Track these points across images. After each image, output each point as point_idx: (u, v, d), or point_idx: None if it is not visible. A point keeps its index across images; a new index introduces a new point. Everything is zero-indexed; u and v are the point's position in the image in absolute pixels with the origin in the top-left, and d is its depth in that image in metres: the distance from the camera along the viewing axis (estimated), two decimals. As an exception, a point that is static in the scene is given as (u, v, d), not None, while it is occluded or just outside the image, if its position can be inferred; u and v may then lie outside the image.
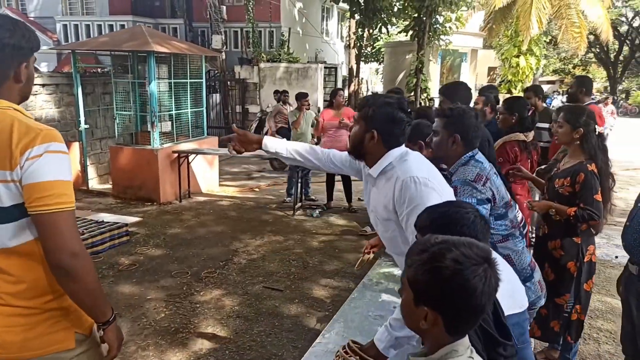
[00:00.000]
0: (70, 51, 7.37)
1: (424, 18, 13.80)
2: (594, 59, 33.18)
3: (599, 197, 2.49)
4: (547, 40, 22.34)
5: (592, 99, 4.74)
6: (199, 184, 7.72)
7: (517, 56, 18.47)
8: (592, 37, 22.17)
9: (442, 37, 15.10)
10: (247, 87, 12.70)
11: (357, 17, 15.17)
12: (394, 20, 16.34)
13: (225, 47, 13.29)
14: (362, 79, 18.32)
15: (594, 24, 17.75)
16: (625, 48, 30.82)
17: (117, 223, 5.28)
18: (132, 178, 6.97)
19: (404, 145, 1.77)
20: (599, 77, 35.48)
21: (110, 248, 5.03)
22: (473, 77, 19.46)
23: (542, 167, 3.58)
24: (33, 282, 1.43)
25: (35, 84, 6.79)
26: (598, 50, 30.23)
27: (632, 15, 29.21)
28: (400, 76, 16.38)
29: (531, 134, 3.47)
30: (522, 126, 3.44)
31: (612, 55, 30.84)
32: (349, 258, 4.99)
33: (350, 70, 15.49)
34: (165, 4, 16.97)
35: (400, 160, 1.72)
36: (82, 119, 7.16)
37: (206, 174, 7.91)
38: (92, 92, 7.77)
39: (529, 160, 3.47)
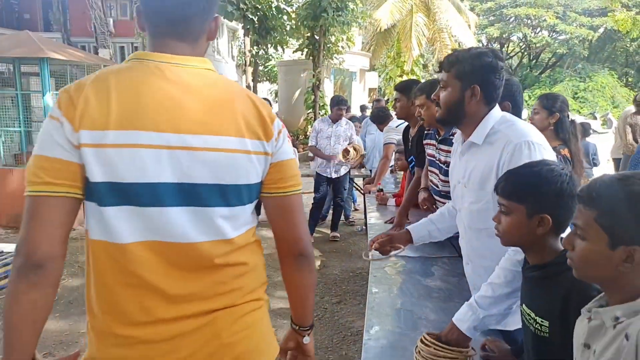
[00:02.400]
0: None
1: (317, 37, 14.24)
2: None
3: None
4: (423, 62, 24.43)
5: None
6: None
7: (401, 76, 19.81)
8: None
9: (335, 55, 15.67)
10: (141, 104, 11.89)
11: (251, 35, 15.13)
12: (287, 39, 16.61)
13: (113, 61, 12.34)
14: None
15: (464, 46, 19.82)
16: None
17: (22, 253, 4.48)
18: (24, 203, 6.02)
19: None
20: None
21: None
22: (364, 94, 20.44)
23: None
24: (258, 268, 1.18)
25: None
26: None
27: (486, 42, 33.22)
28: (297, 94, 16.59)
29: None
30: None
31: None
32: (295, 268, 4.78)
33: (248, 88, 15.33)
34: (37, 16, 15.30)
35: (504, 124, 1.56)
36: (-43, 137, 6.07)
37: (111, 196, 7.15)
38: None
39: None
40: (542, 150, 1.50)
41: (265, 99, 6.79)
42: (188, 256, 1.03)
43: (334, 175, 5.50)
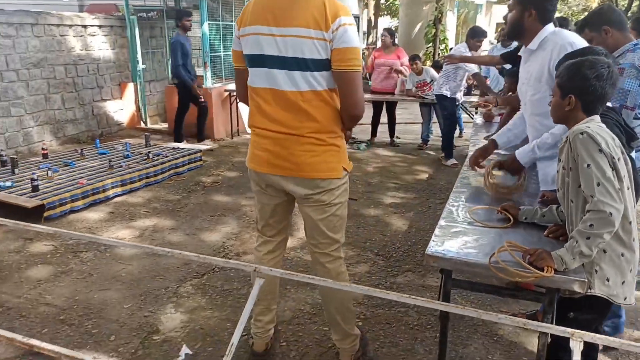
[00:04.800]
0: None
1: (443, -32, 13.94)
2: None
3: None
4: (560, -7, 22.35)
5: None
6: (244, 124, 8.19)
7: (532, 8, 18.54)
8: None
9: (460, -13, 15.25)
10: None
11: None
12: (411, -29, 16.36)
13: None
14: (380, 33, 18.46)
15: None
16: (636, 3, 30.61)
17: (193, 149, 5.80)
18: (187, 116, 7.41)
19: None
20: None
21: (188, 170, 5.56)
22: (490, 29, 19.57)
23: None
24: (325, 120, 1.91)
25: (93, 25, 7.14)
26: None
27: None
28: (417, 28, 16.51)
29: None
30: None
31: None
32: (406, 178, 5.53)
33: (369, 22, 15.66)
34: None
35: (554, 33, 2.15)
36: (139, 58, 7.55)
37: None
38: (141, 35, 8.11)
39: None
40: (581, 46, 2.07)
41: (384, 29, 7.28)
42: (282, 98, 1.88)
43: (462, 100, 6.06)
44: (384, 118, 7.28)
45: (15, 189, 4.12)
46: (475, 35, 5.77)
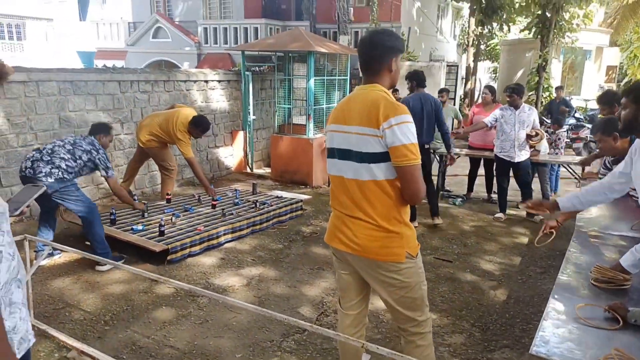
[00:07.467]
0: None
1: (549, 15, 13.60)
2: None
3: None
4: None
5: None
6: (341, 172, 8.51)
7: (649, 54, 17.37)
8: None
9: (567, 34, 14.74)
10: (370, 84, 13.37)
11: (476, 15, 15.27)
12: (514, 17, 16.19)
13: (350, 46, 14.07)
14: (478, 78, 18.29)
15: None
16: None
17: (294, 199, 6.19)
18: (288, 164, 7.93)
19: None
20: None
21: (289, 219, 5.93)
22: (599, 74, 18.56)
23: None
24: (383, 208, 2.11)
25: (213, 80, 7.97)
26: None
27: None
28: (519, 74, 16.13)
29: None
30: None
31: None
32: (503, 241, 5.44)
33: (468, 68, 15.62)
34: (291, 7, 18.25)
35: None
36: (251, 109, 8.26)
37: (347, 163, 8.67)
38: (252, 87, 8.87)
39: None
40: None
41: (485, 86, 7.33)
42: (347, 185, 2.16)
43: (515, 159, 5.98)
44: (481, 170, 7.24)
45: (145, 232, 4.71)
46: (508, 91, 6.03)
